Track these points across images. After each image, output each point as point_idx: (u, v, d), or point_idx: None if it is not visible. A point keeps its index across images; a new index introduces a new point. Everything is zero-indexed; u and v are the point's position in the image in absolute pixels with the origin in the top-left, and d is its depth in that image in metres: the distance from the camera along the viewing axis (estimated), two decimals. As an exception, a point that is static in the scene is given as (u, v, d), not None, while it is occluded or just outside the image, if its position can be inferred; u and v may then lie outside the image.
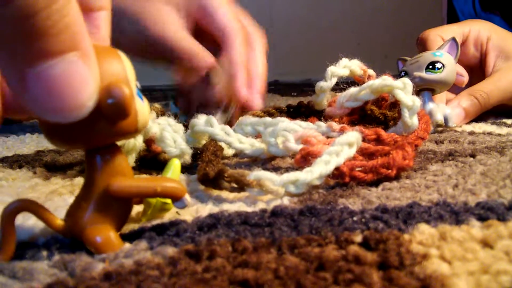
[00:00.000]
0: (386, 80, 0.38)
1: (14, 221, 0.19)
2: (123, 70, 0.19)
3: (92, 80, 0.17)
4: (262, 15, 1.75)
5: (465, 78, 0.49)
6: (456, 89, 0.51)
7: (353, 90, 0.41)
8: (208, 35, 0.45)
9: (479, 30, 0.53)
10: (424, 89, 0.45)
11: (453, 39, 0.47)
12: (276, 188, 0.26)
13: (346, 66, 0.42)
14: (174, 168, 0.24)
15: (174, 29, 0.43)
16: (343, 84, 0.43)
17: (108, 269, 0.18)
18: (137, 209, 0.24)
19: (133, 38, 0.44)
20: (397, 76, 0.46)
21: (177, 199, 0.21)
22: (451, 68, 0.45)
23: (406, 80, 0.37)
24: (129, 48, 0.45)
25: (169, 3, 0.44)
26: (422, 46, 0.53)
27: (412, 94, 0.37)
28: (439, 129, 0.47)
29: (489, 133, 0.45)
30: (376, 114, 0.41)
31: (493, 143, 0.39)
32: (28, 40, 0.15)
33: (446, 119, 0.46)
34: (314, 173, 0.27)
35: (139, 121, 0.19)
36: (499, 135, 0.44)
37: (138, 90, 0.20)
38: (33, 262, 0.19)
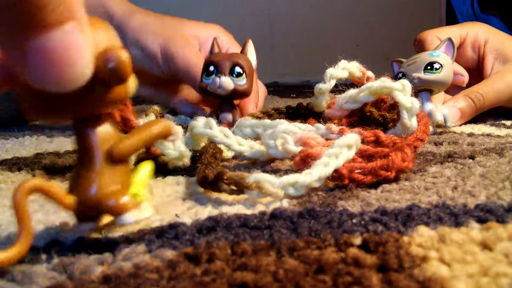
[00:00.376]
0: (385, 82, 0.38)
1: (27, 203, 0.18)
2: (115, 37, 0.19)
3: (88, 48, 0.17)
4: (261, 16, 1.75)
5: (465, 78, 0.49)
6: (453, 90, 0.51)
7: (352, 92, 0.41)
8: None
9: (477, 33, 0.54)
10: (422, 90, 0.46)
11: (449, 39, 0.47)
12: (275, 191, 0.26)
13: (345, 68, 0.42)
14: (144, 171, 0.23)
15: (195, 52, 0.52)
16: (342, 86, 0.43)
17: (107, 272, 0.18)
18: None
19: (154, 54, 0.52)
20: (394, 78, 0.46)
21: (170, 134, 0.21)
22: (448, 68, 0.45)
23: (405, 82, 0.37)
24: (147, 65, 0.54)
25: (190, 34, 0.54)
26: (420, 47, 0.53)
27: (411, 95, 0.37)
28: (439, 130, 0.47)
29: (488, 135, 0.45)
30: (375, 116, 0.41)
31: (492, 145, 0.39)
32: (27, 14, 0.15)
33: (444, 119, 0.47)
34: (313, 175, 0.27)
35: (130, 87, 0.20)
36: (498, 136, 0.44)
37: None
38: (32, 265, 0.19)
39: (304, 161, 0.31)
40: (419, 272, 0.17)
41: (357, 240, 0.20)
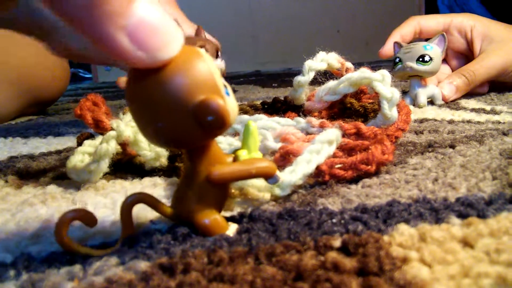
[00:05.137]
0: (365, 72, 0.38)
1: (132, 211, 0.21)
2: (211, 74, 0.19)
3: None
4: (241, 4, 1.73)
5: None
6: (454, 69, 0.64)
7: (331, 83, 0.40)
8: None
9: (462, 21, 0.62)
10: (413, 76, 0.56)
11: (442, 34, 0.56)
12: (262, 194, 0.25)
13: (323, 60, 0.41)
14: (251, 133, 0.24)
15: None
16: (320, 77, 0.42)
17: (77, 289, 0.17)
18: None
19: None
20: (393, 59, 0.57)
21: (270, 177, 0.22)
22: (437, 60, 0.54)
23: (384, 72, 0.37)
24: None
25: None
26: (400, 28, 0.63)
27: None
28: (419, 118, 0.47)
29: (468, 121, 0.45)
30: (356, 107, 0.41)
31: (472, 132, 0.39)
32: None
33: (434, 98, 0.57)
34: (298, 173, 0.26)
35: (231, 119, 0.19)
36: (478, 123, 0.44)
37: (225, 87, 0.20)
38: (0, 283, 0.18)
39: (284, 157, 0.30)
40: (400, 276, 0.16)
41: (337, 242, 0.19)
